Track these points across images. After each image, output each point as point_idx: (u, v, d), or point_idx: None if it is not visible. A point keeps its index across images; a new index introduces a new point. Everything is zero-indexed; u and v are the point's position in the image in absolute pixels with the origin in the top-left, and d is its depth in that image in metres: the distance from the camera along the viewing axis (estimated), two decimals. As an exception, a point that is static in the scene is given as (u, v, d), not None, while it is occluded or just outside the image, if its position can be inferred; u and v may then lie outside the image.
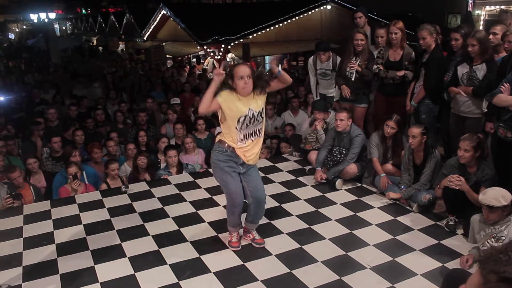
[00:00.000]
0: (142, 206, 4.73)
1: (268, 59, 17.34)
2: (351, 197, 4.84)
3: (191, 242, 3.96)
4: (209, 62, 16.43)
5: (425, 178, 4.47)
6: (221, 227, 4.15)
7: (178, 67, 15.10)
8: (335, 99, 6.03)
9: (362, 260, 3.63)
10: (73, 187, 5.10)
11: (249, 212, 3.78)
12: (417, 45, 5.23)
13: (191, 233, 4.12)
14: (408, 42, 5.40)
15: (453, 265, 3.51)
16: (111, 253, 3.82)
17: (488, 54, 4.46)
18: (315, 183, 5.16)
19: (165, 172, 5.68)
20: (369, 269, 3.51)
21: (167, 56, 16.86)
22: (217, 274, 3.49)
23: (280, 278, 3.44)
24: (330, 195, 4.90)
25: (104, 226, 4.31)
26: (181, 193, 5.03)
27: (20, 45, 30.51)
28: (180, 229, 4.21)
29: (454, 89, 4.68)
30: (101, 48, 24.72)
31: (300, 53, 15.80)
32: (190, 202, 4.80)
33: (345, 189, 5.02)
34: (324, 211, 4.53)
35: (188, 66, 16.08)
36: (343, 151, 5.13)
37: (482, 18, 15.06)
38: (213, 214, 4.49)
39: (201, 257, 3.73)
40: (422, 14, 14.08)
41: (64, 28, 39.44)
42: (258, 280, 3.40)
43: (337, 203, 4.70)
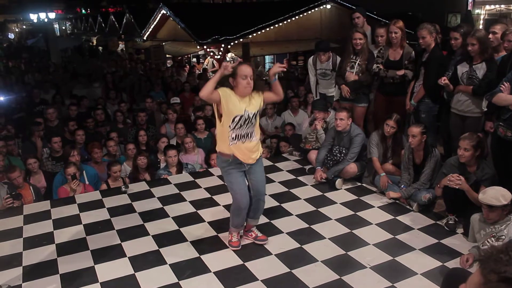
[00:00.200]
0: (142, 206, 4.73)
1: (267, 58, 17.37)
2: (351, 197, 4.85)
3: (191, 242, 3.96)
4: (209, 62, 16.43)
5: (425, 177, 4.47)
6: (221, 226, 4.16)
7: (178, 66, 15.10)
8: (335, 99, 6.03)
9: (362, 259, 3.64)
10: (72, 187, 5.10)
11: (249, 207, 3.77)
12: (416, 45, 5.23)
13: (191, 232, 4.13)
14: (408, 42, 5.40)
15: (453, 264, 3.51)
16: (111, 253, 3.83)
17: (488, 53, 4.45)
18: (315, 182, 5.16)
19: (165, 172, 5.68)
20: (369, 269, 3.51)
21: (167, 56, 16.85)
22: (217, 274, 3.49)
23: (280, 277, 3.44)
24: (330, 194, 4.90)
25: (104, 226, 4.31)
26: (181, 192, 5.03)
27: (20, 45, 30.51)
28: (180, 229, 4.22)
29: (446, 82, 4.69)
30: (101, 48, 24.71)
31: (300, 53, 15.79)
32: (190, 201, 4.80)
33: (345, 189, 5.02)
34: (324, 210, 4.53)
35: (188, 66, 16.08)
36: (343, 151, 5.13)
37: (482, 17, 15.07)
38: (213, 213, 4.50)
39: (201, 256, 3.73)
40: (422, 13, 14.06)
41: (64, 28, 39.43)
42: (258, 279, 3.40)
43: (337, 203, 4.70)
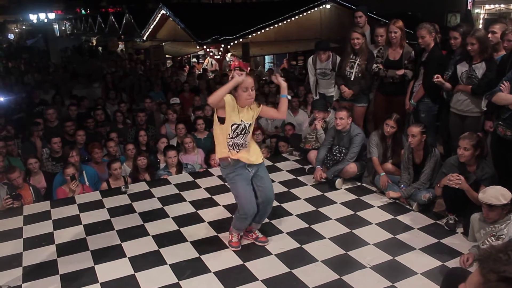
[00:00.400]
0: (142, 206, 4.73)
1: (267, 58, 17.35)
2: (351, 197, 4.84)
3: (191, 242, 3.96)
4: (208, 62, 16.43)
5: (424, 177, 4.47)
6: (221, 226, 4.16)
7: (178, 67, 15.09)
8: (334, 99, 6.03)
9: (362, 259, 3.63)
10: (70, 188, 5.10)
11: (256, 213, 3.76)
12: (416, 44, 5.22)
13: (191, 233, 4.13)
14: (407, 41, 5.40)
15: (453, 264, 3.51)
16: (111, 253, 3.82)
17: (487, 53, 4.45)
18: (314, 182, 5.16)
19: (164, 172, 5.68)
20: (369, 268, 3.51)
21: (167, 56, 16.85)
22: (217, 274, 3.49)
23: (280, 277, 3.44)
24: (330, 194, 4.90)
25: (104, 227, 4.31)
26: (181, 193, 5.03)
27: (19, 45, 30.49)
28: (180, 229, 4.21)
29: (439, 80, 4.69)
30: (100, 49, 24.70)
31: (300, 53, 15.79)
32: (190, 202, 4.80)
33: (345, 189, 5.02)
34: (324, 210, 4.53)
35: (187, 66, 16.07)
36: (343, 150, 5.13)
37: (481, 16, 15.06)
38: (213, 213, 4.50)
39: (201, 257, 3.73)
40: (421, 13, 14.06)
41: (63, 28, 39.43)
42: (258, 279, 3.40)
43: (337, 203, 4.70)
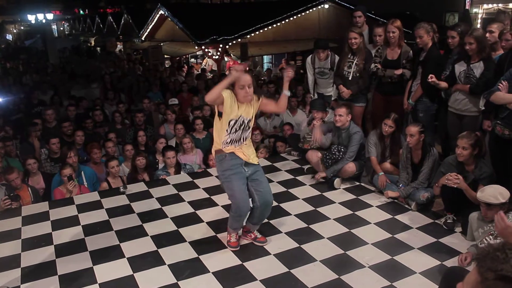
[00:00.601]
0: (140, 206, 4.72)
1: (265, 58, 17.33)
2: (350, 196, 4.85)
3: (189, 242, 3.96)
4: (207, 62, 16.42)
5: (423, 176, 4.48)
6: (219, 227, 4.16)
7: (177, 67, 15.08)
8: (332, 98, 6.03)
9: (361, 259, 3.64)
10: (68, 189, 5.09)
11: (253, 214, 3.77)
12: (414, 44, 5.23)
13: (190, 233, 4.12)
14: (406, 41, 5.40)
15: (451, 263, 3.51)
16: (110, 253, 3.82)
17: (485, 52, 4.46)
18: (315, 182, 5.16)
19: (163, 172, 5.68)
20: (368, 268, 3.52)
21: (165, 56, 16.83)
22: (216, 274, 3.49)
23: (278, 277, 3.44)
24: (328, 194, 4.90)
25: (102, 227, 4.30)
26: (179, 193, 5.03)
27: (17, 46, 30.44)
28: (179, 229, 4.21)
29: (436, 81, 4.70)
30: (98, 49, 24.68)
31: (298, 53, 15.78)
32: (188, 202, 4.80)
33: (343, 188, 5.03)
34: (322, 210, 4.53)
35: (186, 66, 16.06)
36: (342, 149, 5.12)
37: (479, 16, 15.07)
38: (211, 214, 4.49)
39: (199, 257, 3.73)
40: (420, 12, 14.07)
41: (62, 29, 39.38)
42: (256, 279, 3.40)
43: (335, 202, 4.71)
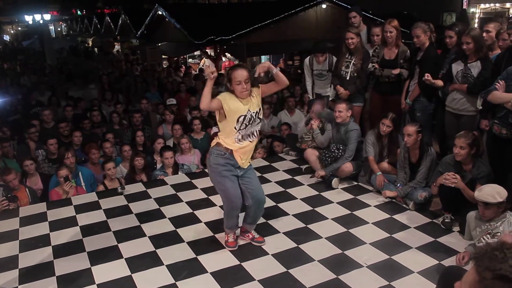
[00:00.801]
0: (138, 207, 4.72)
1: (263, 58, 17.34)
2: (348, 196, 4.85)
3: (187, 243, 3.96)
4: (205, 62, 16.41)
5: (421, 176, 4.49)
6: (217, 227, 4.15)
7: (174, 67, 15.08)
8: (330, 98, 6.03)
9: (359, 258, 3.64)
10: (64, 190, 5.08)
11: (248, 214, 3.78)
12: (411, 44, 5.23)
13: (188, 233, 4.12)
14: (404, 41, 5.41)
15: (449, 262, 3.51)
16: (108, 254, 3.81)
17: (482, 52, 4.47)
18: (314, 181, 5.16)
19: (161, 172, 5.67)
20: (366, 268, 3.52)
21: (163, 56, 16.80)
22: (214, 274, 3.48)
23: (277, 277, 3.44)
24: (326, 194, 4.90)
25: (100, 228, 4.30)
26: (177, 193, 5.02)
27: (15, 47, 30.36)
28: (177, 229, 4.21)
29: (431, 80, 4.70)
30: (96, 49, 24.63)
31: (296, 53, 15.79)
32: (186, 202, 4.79)
33: (341, 188, 5.03)
34: (320, 210, 4.53)
35: (184, 67, 16.05)
36: (340, 147, 5.12)
37: (477, 16, 15.10)
38: (209, 214, 4.49)
39: (197, 257, 3.73)
40: (417, 12, 14.08)
41: (59, 29, 39.29)
42: (255, 279, 3.40)
43: (333, 202, 4.71)
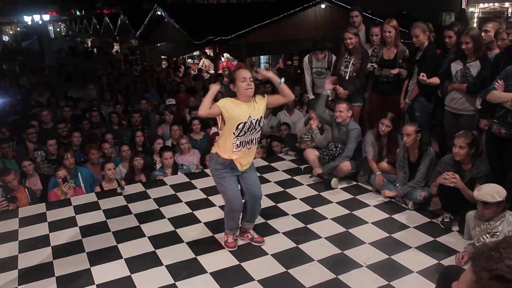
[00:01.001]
0: (137, 207, 4.72)
1: (262, 58, 17.34)
2: (347, 196, 4.85)
3: (187, 243, 3.96)
4: (204, 62, 16.41)
5: (420, 175, 4.49)
6: (217, 227, 4.15)
7: (174, 68, 15.07)
8: (330, 98, 6.02)
9: (358, 258, 3.64)
10: (63, 190, 5.08)
11: (246, 211, 3.78)
12: (410, 43, 5.24)
13: (187, 233, 4.12)
14: (403, 40, 5.41)
15: (448, 262, 3.52)
16: (107, 255, 3.82)
17: (481, 51, 4.47)
18: (313, 181, 5.16)
19: (160, 173, 5.67)
20: (365, 267, 3.52)
21: (162, 56, 16.79)
22: (214, 275, 3.49)
23: (276, 277, 3.44)
24: (325, 194, 4.90)
25: (100, 228, 4.30)
26: (176, 193, 5.02)
27: (14, 47, 30.33)
28: (176, 230, 4.21)
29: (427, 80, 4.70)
30: (95, 50, 24.62)
31: (295, 53, 15.78)
32: (186, 202, 4.79)
33: (340, 188, 5.03)
34: (320, 210, 4.54)
35: (183, 67, 16.05)
36: (339, 145, 5.11)
37: (475, 15, 15.10)
38: (209, 214, 4.49)
39: (197, 257, 3.73)
40: (416, 12, 14.09)
41: (58, 30, 39.26)
42: (254, 280, 3.40)
43: (332, 202, 4.71)
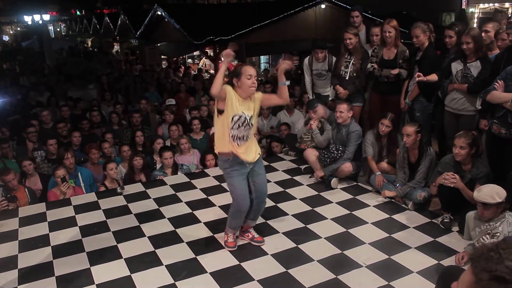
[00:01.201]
0: (137, 207, 4.72)
1: (262, 58, 17.33)
2: (347, 196, 4.85)
3: (187, 243, 3.96)
4: (204, 62, 16.41)
5: (420, 176, 4.49)
6: (217, 227, 4.16)
7: (174, 68, 15.08)
8: (330, 98, 6.03)
9: (358, 258, 3.64)
10: (61, 190, 5.07)
11: (251, 209, 3.77)
12: (410, 44, 5.23)
13: (187, 233, 4.12)
14: (403, 40, 5.41)
15: (448, 262, 3.52)
16: (107, 254, 3.82)
17: (482, 52, 4.47)
18: (313, 181, 5.16)
19: (160, 173, 5.67)
20: (365, 268, 3.52)
21: (162, 56, 16.79)
22: (213, 274, 3.49)
23: (276, 277, 3.44)
24: (325, 194, 4.91)
25: (99, 228, 4.30)
26: (176, 193, 5.02)
27: (14, 47, 30.33)
28: (176, 229, 4.21)
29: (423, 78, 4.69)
30: (95, 50, 24.62)
31: (295, 53, 15.77)
32: (185, 202, 4.79)
33: (340, 188, 5.03)
34: (319, 210, 4.54)
35: (183, 67, 16.05)
36: (340, 148, 5.11)
37: (475, 15, 15.10)
38: (209, 214, 4.49)
39: (197, 257, 3.73)
40: (416, 12, 14.10)
41: (58, 30, 39.28)
42: (254, 279, 3.41)
43: (332, 202, 4.71)
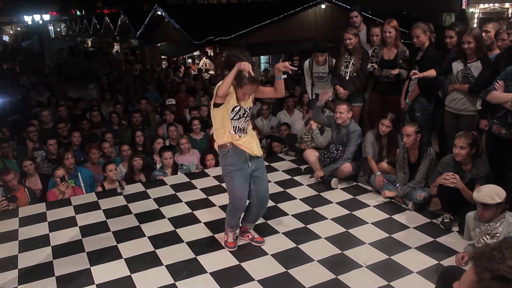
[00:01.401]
0: (137, 207, 4.72)
1: (262, 59, 17.34)
2: (347, 196, 4.85)
3: (187, 243, 3.96)
4: (204, 62, 16.40)
5: (420, 176, 4.49)
6: (217, 227, 4.16)
7: (174, 68, 15.08)
8: (330, 99, 6.02)
9: (358, 258, 3.64)
10: (60, 190, 5.07)
11: (250, 212, 3.78)
12: (411, 44, 5.23)
13: (187, 233, 4.12)
14: (403, 41, 5.41)
15: (448, 262, 3.52)
16: (107, 254, 3.82)
17: (482, 52, 4.48)
18: (313, 181, 5.16)
19: (160, 173, 5.67)
20: (365, 268, 3.52)
21: (162, 56, 16.79)
22: (213, 274, 3.49)
23: (276, 277, 3.44)
24: (325, 194, 4.91)
25: (99, 228, 4.30)
26: (176, 193, 5.02)
27: (14, 47, 30.33)
28: (176, 229, 4.21)
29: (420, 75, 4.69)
30: (95, 50, 24.62)
31: (295, 53, 15.78)
32: (185, 202, 4.79)
33: (340, 188, 5.03)
34: (320, 210, 4.54)
35: (183, 67, 16.05)
36: (340, 148, 5.11)
37: (476, 16, 15.11)
38: (209, 214, 4.50)
39: (197, 257, 3.73)
40: (416, 12, 14.10)
41: (58, 30, 39.28)
42: (254, 280, 3.41)
43: (332, 202, 4.71)
